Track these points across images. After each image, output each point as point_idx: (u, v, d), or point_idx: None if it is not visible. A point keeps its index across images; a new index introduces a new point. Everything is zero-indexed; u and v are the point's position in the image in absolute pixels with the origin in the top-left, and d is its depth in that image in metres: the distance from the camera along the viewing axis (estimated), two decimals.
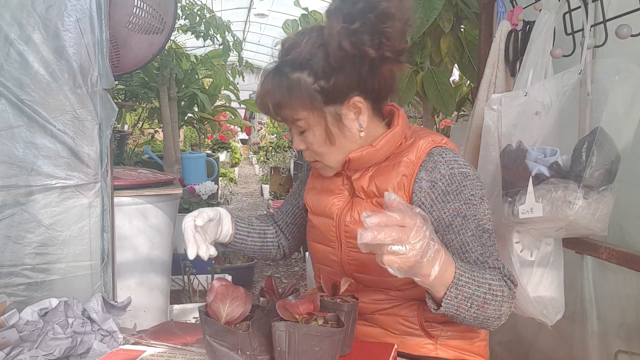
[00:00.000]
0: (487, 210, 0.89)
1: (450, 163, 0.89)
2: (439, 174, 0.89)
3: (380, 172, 0.93)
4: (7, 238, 1.32)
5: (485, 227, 0.88)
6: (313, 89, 0.86)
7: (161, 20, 1.67)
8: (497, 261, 0.87)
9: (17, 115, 1.32)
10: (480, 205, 0.88)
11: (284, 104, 0.89)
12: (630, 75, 0.95)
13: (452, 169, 0.89)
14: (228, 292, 0.67)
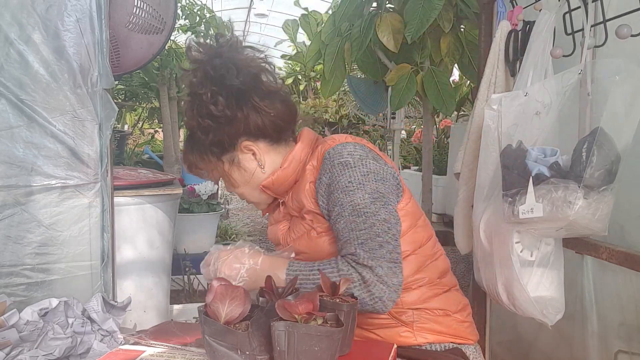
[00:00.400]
0: (367, 195, 0.91)
1: (334, 158, 0.96)
2: (324, 172, 0.96)
3: (295, 189, 1.03)
4: (7, 238, 1.32)
5: (362, 211, 0.90)
6: (207, 145, 1.00)
7: (161, 20, 1.67)
8: (361, 244, 0.89)
9: (17, 115, 1.32)
10: (358, 190, 0.91)
11: (194, 164, 1.05)
12: (631, 75, 0.95)
13: (332, 161, 0.95)
14: (227, 292, 0.67)
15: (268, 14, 8.11)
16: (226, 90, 0.97)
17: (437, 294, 0.99)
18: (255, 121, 0.99)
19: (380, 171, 0.95)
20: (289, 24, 6.00)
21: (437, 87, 2.14)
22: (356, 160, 0.94)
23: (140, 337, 0.88)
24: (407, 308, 0.96)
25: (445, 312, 0.99)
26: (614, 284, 1.26)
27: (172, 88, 3.42)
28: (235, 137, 1.00)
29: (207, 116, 0.97)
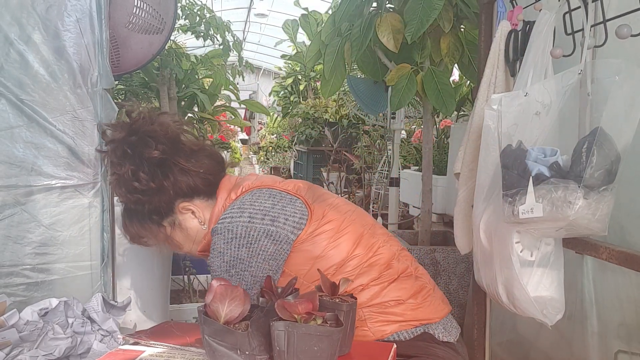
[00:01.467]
0: (224, 263, 0.95)
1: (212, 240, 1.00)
2: None
3: None
4: (7, 238, 1.32)
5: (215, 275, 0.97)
6: (145, 214, 1.04)
7: (161, 20, 1.67)
8: None
9: (17, 115, 1.32)
10: (217, 257, 0.96)
11: (137, 235, 1.09)
12: (631, 76, 0.95)
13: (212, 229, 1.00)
14: (227, 292, 0.67)
15: (268, 14, 8.12)
16: (148, 164, 1.01)
17: (383, 287, 0.99)
18: (186, 182, 1.04)
19: (250, 232, 0.96)
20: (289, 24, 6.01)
21: (437, 87, 2.14)
22: (224, 226, 0.98)
23: (140, 337, 0.88)
24: (358, 309, 0.95)
25: (397, 301, 0.98)
26: (614, 284, 1.26)
27: (172, 88, 3.41)
28: (170, 202, 1.04)
29: (134, 191, 1.02)
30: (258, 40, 10.17)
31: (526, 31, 1.26)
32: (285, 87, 7.91)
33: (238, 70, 4.31)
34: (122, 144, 1.03)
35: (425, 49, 2.22)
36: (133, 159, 1.02)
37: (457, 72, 2.53)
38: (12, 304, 1.25)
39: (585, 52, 1.07)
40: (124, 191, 1.05)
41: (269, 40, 9.44)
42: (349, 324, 0.77)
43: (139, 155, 1.02)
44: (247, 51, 8.94)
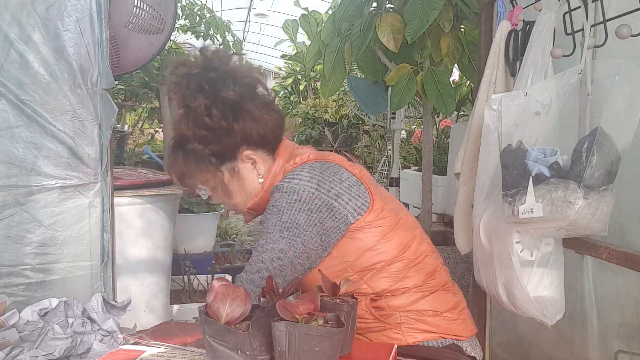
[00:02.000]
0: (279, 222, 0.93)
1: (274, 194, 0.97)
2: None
3: None
4: (7, 238, 1.32)
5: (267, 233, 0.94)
6: (206, 154, 0.99)
7: (161, 20, 1.67)
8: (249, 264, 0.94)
9: (17, 115, 1.32)
10: (273, 215, 0.94)
11: (187, 174, 1.02)
12: (631, 76, 0.95)
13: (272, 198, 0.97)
14: (228, 292, 0.67)
15: (268, 14, 8.11)
16: (222, 103, 0.97)
17: (424, 296, 0.99)
18: (256, 130, 1.00)
19: (315, 200, 0.94)
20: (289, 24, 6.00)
21: (437, 87, 2.14)
22: (291, 186, 0.95)
23: (141, 337, 0.87)
24: (395, 311, 0.96)
25: (435, 312, 0.98)
26: (614, 284, 1.26)
27: None
28: (235, 146, 1.00)
29: (202, 127, 0.98)
30: (258, 40, 10.17)
31: (526, 31, 1.26)
32: (285, 87, 7.91)
33: None
34: (199, 78, 0.97)
35: (425, 49, 2.22)
36: (208, 95, 0.96)
37: (457, 72, 2.54)
38: (12, 304, 1.25)
39: (585, 52, 1.07)
40: (191, 125, 0.98)
41: (269, 40, 9.44)
42: (350, 325, 0.77)
43: (215, 93, 0.97)
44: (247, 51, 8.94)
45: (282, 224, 0.93)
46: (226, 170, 1.02)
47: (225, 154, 1.01)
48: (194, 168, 1.01)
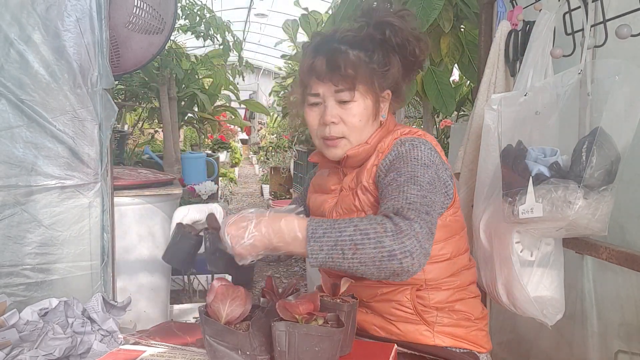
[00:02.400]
0: (427, 175, 0.88)
1: (404, 142, 0.95)
2: (394, 150, 0.96)
3: (362, 166, 1.01)
4: (7, 238, 1.32)
5: (419, 181, 0.86)
6: (380, 71, 0.98)
7: (161, 20, 1.67)
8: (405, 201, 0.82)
9: (17, 115, 1.32)
10: (422, 167, 0.89)
11: (357, 66, 0.95)
12: (630, 76, 0.95)
13: (403, 144, 0.95)
14: (228, 292, 0.67)
15: (268, 14, 8.11)
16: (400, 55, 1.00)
17: (463, 298, 1.00)
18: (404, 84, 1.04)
19: (443, 172, 0.95)
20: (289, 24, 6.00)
21: (437, 87, 2.14)
22: (426, 147, 0.94)
23: (141, 337, 0.87)
24: (432, 307, 0.97)
25: (468, 316, 0.99)
26: (614, 284, 1.26)
27: (172, 88, 3.41)
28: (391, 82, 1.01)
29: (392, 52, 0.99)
30: (258, 40, 10.17)
31: (526, 31, 1.26)
32: (285, 87, 7.90)
33: (238, 70, 4.32)
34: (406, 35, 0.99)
35: None
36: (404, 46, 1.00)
37: (457, 72, 2.53)
38: (12, 304, 1.25)
39: (585, 52, 1.07)
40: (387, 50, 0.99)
41: (269, 40, 9.43)
42: (350, 324, 0.77)
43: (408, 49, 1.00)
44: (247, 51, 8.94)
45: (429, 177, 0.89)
46: (373, 94, 0.98)
47: (386, 81, 1.00)
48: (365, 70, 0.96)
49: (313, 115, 1.00)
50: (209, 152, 5.58)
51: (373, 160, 0.98)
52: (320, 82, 0.97)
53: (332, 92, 0.97)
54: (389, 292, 0.97)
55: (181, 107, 3.94)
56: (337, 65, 0.95)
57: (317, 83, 0.98)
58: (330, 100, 0.97)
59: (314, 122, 1.01)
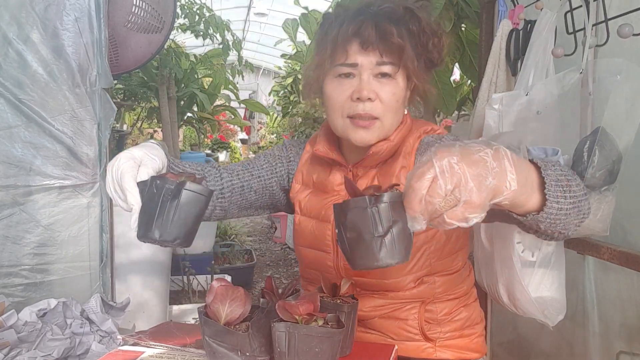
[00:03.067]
0: None
1: (438, 140, 0.89)
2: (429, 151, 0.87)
3: (384, 169, 0.90)
4: (5, 238, 1.32)
5: None
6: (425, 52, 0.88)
7: (160, 19, 1.67)
8: None
9: (16, 115, 1.31)
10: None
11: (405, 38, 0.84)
12: (632, 75, 0.95)
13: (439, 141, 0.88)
14: (228, 293, 0.66)
15: (268, 13, 8.11)
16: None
17: (466, 304, 1.00)
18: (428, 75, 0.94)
19: None
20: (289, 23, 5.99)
21: (438, 87, 2.13)
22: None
23: (140, 338, 0.87)
24: (437, 324, 0.94)
25: (469, 323, 0.98)
26: (616, 285, 1.26)
27: (172, 87, 3.41)
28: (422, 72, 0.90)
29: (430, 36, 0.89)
30: (258, 39, 10.17)
31: (527, 30, 1.26)
32: (285, 86, 7.90)
33: (238, 69, 4.31)
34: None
35: None
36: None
37: (458, 71, 2.53)
38: (11, 305, 1.25)
39: (586, 52, 1.06)
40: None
41: (268, 39, 9.43)
42: (350, 325, 0.77)
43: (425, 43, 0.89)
44: (246, 50, 8.94)
45: None
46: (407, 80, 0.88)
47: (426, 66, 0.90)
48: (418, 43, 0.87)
49: (341, 88, 0.85)
50: (209, 152, 5.57)
51: (400, 162, 0.88)
52: (362, 51, 0.83)
53: (373, 63, 0.84)
54: (396, 310, 0.92)
55: (180, 106, 3.93)
56: (390, 32, 0.82)
57: (357, 52, 0.83)
58: (367, 73, 0.84)
59: (341, 97, 0.85)
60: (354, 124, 0.85)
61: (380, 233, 0.55)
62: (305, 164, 1.00)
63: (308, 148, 1.02)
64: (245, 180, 0.98)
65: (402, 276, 0.89)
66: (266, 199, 1.02)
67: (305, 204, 0.96)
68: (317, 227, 0.93)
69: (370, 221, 0.55)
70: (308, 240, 0.95)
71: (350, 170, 0.93)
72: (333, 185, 0.94)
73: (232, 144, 9.65)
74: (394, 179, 0.87)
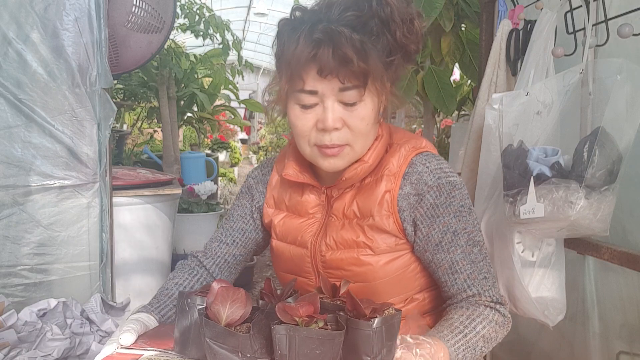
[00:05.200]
0: (475, 221, 0.83)
1: (436, 172, 0.82)
2: (425, 186, 0.81)
3: (363, 190, 0.84)
4: (5, 238, 1.32)
5: (476, 240, 0.82)
6: (387, 62, 0.78)
7: (160, 19, 1.66)
8: (485, 280, 0.82)
9: (16, 115, 1.31)
10: (469, 216, 0.82)
11: (368, 57, 0.74)
12: (632, 75, 0.95)
13: (439, 178, 0.81)
14: (228, 294, 0.66)
15: (268, 13, 8.11)
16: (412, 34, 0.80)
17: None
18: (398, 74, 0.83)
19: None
20: None
21: (438, 87, 2.13)
22: (459, 181, 0.82)
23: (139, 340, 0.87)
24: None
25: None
26: (616, 285, 1.26)
27: (172, 87, 3.41)
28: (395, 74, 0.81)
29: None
30: (258, 39, 10.17)
31: (527, 30, 1.25)
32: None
33: (238, 69, 4.31)
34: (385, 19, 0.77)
35: (426, 48, 2.22)
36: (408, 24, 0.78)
37: (458, 71, 2.53)
38: (11, 305, 1.25)
39: (586, 51, 1.06)
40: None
41: (268, 39, 9.43)
42: None
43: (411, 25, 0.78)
44: (246, 50, 8.93)
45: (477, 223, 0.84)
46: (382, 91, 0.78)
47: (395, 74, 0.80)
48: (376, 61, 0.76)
49: (304, 117, 0.78)
50: (209, 152, 5.57)
51: (384, 186, 0.81)
52: (320, 79, 0.75)
53: (335, 90, 0.75)
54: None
55: (180, 106, 3.93)
56: (348, 57, 0.72)
57: (315, 79, 0.75)
58: (331, 101, 0.76)
59: (306, 126, 0.78)
60: (322, 152, 0.79)
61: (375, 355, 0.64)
62: (275, 187, 0.94)
63: (278, 169, 0.95)
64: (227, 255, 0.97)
65: (392, 297, 0.86)
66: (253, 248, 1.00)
67: (280, 228, 0.91)
68: (294, 252, 0.89)
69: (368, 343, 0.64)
70: (288, 266, 0.91)
71: (324, 192, 0.87)
72: (307, 208, 0.88)
73: (232, 144, 9.64)
74: (377, 206, 0.82)
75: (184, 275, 0.96)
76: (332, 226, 0.85)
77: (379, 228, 0.82)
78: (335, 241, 0.84)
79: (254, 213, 0.97)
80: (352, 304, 0.67)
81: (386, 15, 0.76)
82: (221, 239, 0.98)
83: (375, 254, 0.82)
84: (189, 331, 0.73)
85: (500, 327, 0.81)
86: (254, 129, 12.35)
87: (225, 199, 5.08)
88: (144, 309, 0.87)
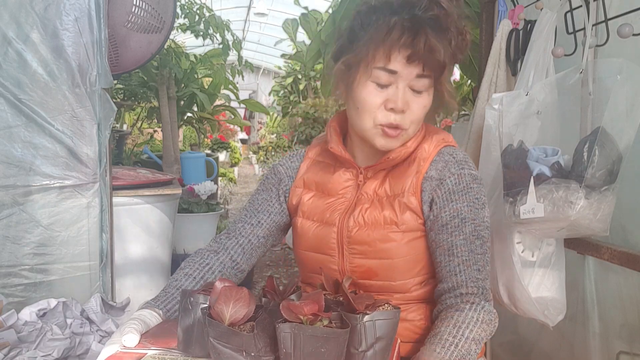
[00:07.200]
0: (486, 218, 0.87)
1: (461, 163, 0.88)
2: (448, 173, 0.87)
3: (396, 172, 0.90)
4: (5, 238, 1.32)
5: (481, 234, 0.85)
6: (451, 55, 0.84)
7: (160, 19, 1.67)
8: (478, 272, 0.83)
9: (15, 115, 1.31)
10: (481, 210, 0.86)
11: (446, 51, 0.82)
12: (632, 75, 0.95)
13: (462, 169, 0.87)
14: (232, 294, 0.66)
15: (268, 13, 8.11)
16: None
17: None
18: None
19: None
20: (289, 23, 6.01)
21: None
22: (480, 177, 0.88)
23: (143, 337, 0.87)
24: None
25: None
26: (616, 285, 1.26)
27: (172, 87, 3.41)
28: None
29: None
30: (258, 39, 10.17)
31: (527, 30, 1.26)
32: (285, 86, 7.91)
33: (238, 69, 4.31)
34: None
35: None
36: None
37: (458, 71, 2.53)
38: (11, 305, 1.25)
39: (586, 52, 1.06)
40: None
41: (268, 39, 9.44)
42: None
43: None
44: (246, 50, 8.94)
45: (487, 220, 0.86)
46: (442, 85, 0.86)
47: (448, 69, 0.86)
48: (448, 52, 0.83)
49: (378, 96, 0.83)
50: (209, 152, 5.57)
51: (414, 168, 0.88)
52: (405, 63, 0.80)
53: (412, 76, 0.82)
54: (402, 311, 0.86)
55: (180, 106, 3.93)
56: (437, 49, 0.79)
57: (401, 61, 0.80)
58: (403, 84, 0.82)
59: (375, 104, 0.83)
60: (385, 132, 0.85)
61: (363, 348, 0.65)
62: (306, 172, 0.99)
63: (310, 155, 1.01)
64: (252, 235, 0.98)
65: (409, 278, 0.88)
66: (275, 233, 1.02)
67: (308, 207, 0.95)
68: (320, 230, 0.92)
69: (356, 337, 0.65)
70: (311, 244, 0.94)
71: (361, 172, 0.92)
72: (338, 189, 0.93)
73: (232, 143, 9.64)
74: (407, 186, 0.88)
75: (194, 265, 0.96)
76: (361, 204, 0.89)
77: (406, 205, 0.87)
78: (364, 218, 0.88)
79: (280, 197, 1.00)
80: (347, 299, 0.69)
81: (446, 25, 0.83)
82: (246, 220, 0.99)
83: (400, 231, 0.86)
84: (192, 330, 0.73)
85: (488, 324, 0.81)
86: (254, 129, 12.35)
87: (225, 199, 5.08)
88: (149, 305, 0.87)
